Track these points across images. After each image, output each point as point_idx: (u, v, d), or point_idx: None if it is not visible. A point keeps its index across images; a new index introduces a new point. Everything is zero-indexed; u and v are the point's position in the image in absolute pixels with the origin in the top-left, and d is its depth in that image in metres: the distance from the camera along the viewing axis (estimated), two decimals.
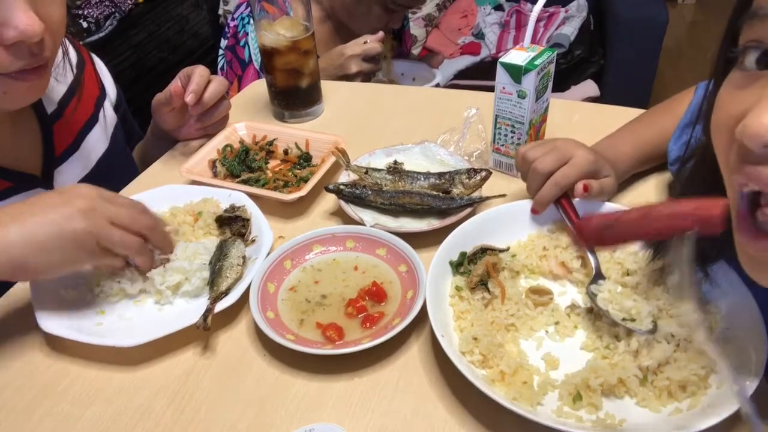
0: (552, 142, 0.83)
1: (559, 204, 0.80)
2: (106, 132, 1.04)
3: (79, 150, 0.97)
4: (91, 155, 0.99)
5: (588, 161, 0.79)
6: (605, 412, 0.59)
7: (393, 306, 0.73)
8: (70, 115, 0.96)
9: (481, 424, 0.60)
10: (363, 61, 1.31)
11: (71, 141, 0.96)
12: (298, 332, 0.70)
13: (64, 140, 0.95)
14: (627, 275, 0.73)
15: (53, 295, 0.73)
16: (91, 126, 1.00)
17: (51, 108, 0.93)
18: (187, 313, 0.71)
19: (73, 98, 0.97)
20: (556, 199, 0.80)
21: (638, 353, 0.63)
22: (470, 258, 0.75)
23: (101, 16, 2.16)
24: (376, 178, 0.90)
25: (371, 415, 0.62)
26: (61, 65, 0.94)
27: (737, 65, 0.50)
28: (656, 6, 2.31)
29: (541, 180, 0.80)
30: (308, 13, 1.07)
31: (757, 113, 0.43)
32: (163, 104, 1.01)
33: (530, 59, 0.85)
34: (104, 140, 1.03)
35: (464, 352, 0.65)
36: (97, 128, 1.01)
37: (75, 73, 0.98)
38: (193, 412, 0.63)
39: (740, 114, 0.46)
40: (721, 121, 0.50)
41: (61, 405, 0.64)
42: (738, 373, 0.57)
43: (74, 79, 0.98)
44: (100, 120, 1.02)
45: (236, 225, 0.84)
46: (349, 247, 0.81)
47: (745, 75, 0.49)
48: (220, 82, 1.01)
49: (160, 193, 0.90)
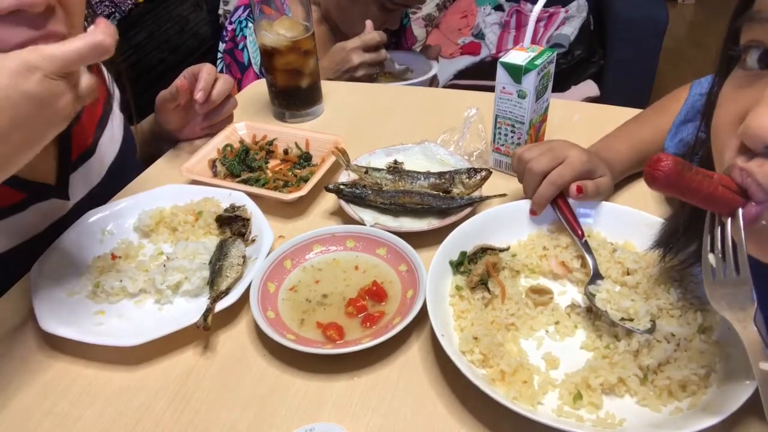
0: (547, 143, 0.83)
1: (556, 205, 0.80)
2: (117, 131, 1.02)
3: (96, 153, 0.94)
4: (105, 157, 0.97)
5: (582, 161, 0.80)
6: (605, 412, 0.59)
7: (393, 305, 0.73)
8: (84, 116, 0.93)
9: (481, 423, 0.60)
10: (364, 52, 1.31)
11: (89, 144, 0.93)
12: (298, 332, 0.70)
13: (82, 143, 0.92)
14: (627, 275, 0.73)
15: (53, 295, 0.73)
16: (103, 127, 0.98)
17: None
18: (187, 313, 0.71)
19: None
20: (553, 201, 0.80)
21: (638, 352, 0.63)
22: (470, 257, 0.75)
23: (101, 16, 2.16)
24: (376, 177, 0.90)
25: (371, 414, 0.62)
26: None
27: (739, 64, 0.50)
28: (656, 6, 2.31)
29: (537, 180, 0.80)
30: (308, 13, 1.07)
31: (759, 113, 0.43)
32: (168, 101, 1.00)
33: (530, 59, 0.85)
34: (116, 141, 1.01)
35: (464, 352, 0.65)
36: (108, 130, 1.00)
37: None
38: (193, 412, 0.63)
39: (742, 113, 0.46)
40: (722, 119, 0.50)
41: (61, 405, 0.64)
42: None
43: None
44: (110, 120, 1.01)
45: (236, 224, 0.84)
46: (350, 247, 0.81)
47: (747, 74, 0.49)
48: (226, 81, 1.01)
49: (160, 193, 0.90)
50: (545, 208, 0.81)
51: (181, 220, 0.86)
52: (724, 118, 0.50)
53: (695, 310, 0.67)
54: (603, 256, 0.76)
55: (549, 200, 0.80)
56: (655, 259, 0.72)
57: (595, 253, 0.77)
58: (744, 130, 0.44)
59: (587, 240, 0.77)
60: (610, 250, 0.77)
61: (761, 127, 0.43)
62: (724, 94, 0.51)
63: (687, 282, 0.71)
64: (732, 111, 0.48)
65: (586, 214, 0.81)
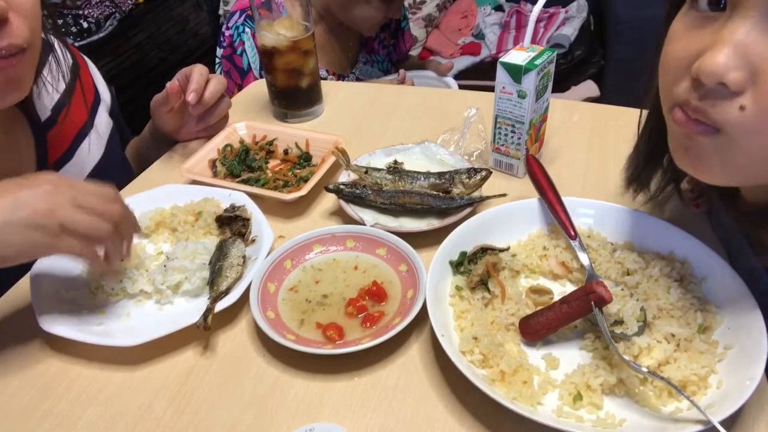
0: None
1: (550, 205, 0.80)
2: (101, 138, 1.02)
3: (74, 158, 0.95)
4: (86, 163, 0.97)
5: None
6: (605, 412, 0.59)
7: (393, 306, 0.73)
8: (62, 122, 0.93)
9: (481, 423, 0.60)
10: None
11: (66, 149, 0.94)
12: (298, 332, 0.70)
13: (59, 148, 0.93)
14: (627, 275, 0.73)
15: (53, 295, 0.73)
16: (85, 133, 0.98)
17: (45, 115, 0.91)
18: (188, 313, 0.71)
19: (66, 105, 0.95)
20: (548, 200, 0.80)
21: (638, 353, 0.64)
22: (470, 258, 0.75)
23: (101, 16, 2.16)
24: (376, 177, 0.90)
25: (371, 415, 0.62)
26: (56, 70, 0.91)
27: (691, 4, 0.55)
28: (656, 6, 2.30)
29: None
30: (308, 13, 1.07)
31: (714, 52, 0.48)
32: (161, 105, 1.00)
33: (530, 59, 0.85)
34: (99, 147, 1.01)
35: (464, 352, 0.65)
36: (92, 135, 0.99)
37: (69, 78, 0.95)
38: (193, 413, 0.63)
39: (695, 52, 0.51)
40: (674, 56, 0.55)
41: (61, 405, 0.64)
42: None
43: (68, 84, 0.96)
44: (95, 126, 1.01)
45: (236, 225, 0.84)
46: (350, 247, 0.81)
47: (699, 16, 0.54)
48: (219, 81, 1.01)
49: (160, 193, 0.90)
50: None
51: (181, 221, 0.86)
52: (677, 54, 0.54)
53: (695, 310, 0.67)
54: (603, 256, 0.76)
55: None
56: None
57: (595, 253, 0.77)
58: (700, 66, 0.49)
59: (583, 240, 0.77)
60: (610, 250, 0.77)
61: (717, 64, 0.48)
62: (674, 32, 0.56)
63: (687, 282, 0.71)
64: (683, 49, 0.54)
65: (586, 214, 0.81)
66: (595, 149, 1.01)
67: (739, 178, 0.57)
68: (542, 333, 0.66)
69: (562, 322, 0.65)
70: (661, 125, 0.66)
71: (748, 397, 0.55)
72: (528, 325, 0.67)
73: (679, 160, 0.59)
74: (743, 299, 0.65)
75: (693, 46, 0.52)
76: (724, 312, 0.67)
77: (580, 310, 0.64)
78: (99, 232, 0.65)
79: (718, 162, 0.54)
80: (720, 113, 0.50)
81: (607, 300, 0.62)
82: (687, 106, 0.53)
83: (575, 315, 0.65)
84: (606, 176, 0.93)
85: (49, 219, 0.61)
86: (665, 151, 0.69)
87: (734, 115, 0.50)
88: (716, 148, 0.53)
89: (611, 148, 1.00)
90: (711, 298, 0.69)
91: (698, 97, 0.52)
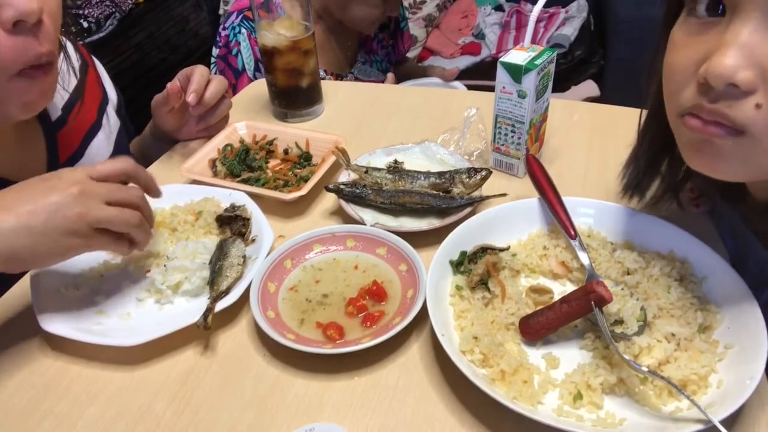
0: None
1: (550, 205, 0.80)
2: (110, 137, 1.03)
3: (84, 157, 0.95)
4: (95, 162, 0.97)
5: None
6: (606, 412, 0.59)
7: (393, 305, 0.73)
8: (73, 121, 0.94)
9: (481, 423, 0.60)
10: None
11: (76, 148, 0.94)
12: (298, 332, 0.70)
13: (69, 147, 0.93)
14: (627, 275, 0.73)
15: (53, 295, 0.73)
16: (95, 132, 0.99)
17: (55, 115, 0.92)
18: (188, 313, 0.71)
19: (77, 104, 0.96)
20: (547, 200, 0.80)
21: (639, 352, 0.64)
22: (470, 257, 0.75)
23: (102, 16, 2.16)
24: (376, 177, 0.90)
25: (371, 414, 0.62)
26: (66, 69, 0.92)
27: (688, 12, 0.55)
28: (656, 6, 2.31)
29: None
30: (308, 13, 1.07)
31: (721, 55, 0.49)
32: (162, 105, 1.01)
33: (530, 59, 0.85)
34: (108, 146, 1.01)
35: (464, 351, 0.65)
36: (101, 134, 1.00)
37: (78, 77, 0.97)
38: (193, 412, 0.63)
39: (700, 57, 0.52)
40: (677, 64, 0.55)
41: (61, 405, 0.64)
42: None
43: (78, 83, 0.97)
44: (103, 125, 1.01)
45: (236, 224, 0.84)
46: (350, 247, 0.81)
47: (698, 22, 0.54)
48: (220, 82, 1.01)
49: None
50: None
51: (181, 220, 0.85)
52: (681, 62, 0.55)
53: (695, 310, 0.67)
54: (603, 256, 0.76)
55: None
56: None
57: (595, 253, 0.77)
58: (708, 70, 0.50)
59: (583, 240, 0.77)
60: (610, 250, 0.77)
61: (725, 66, 0.48)
62: (675, 41, 0.57)
63: (687, 281, 0.71)
64: (686, 56, 0.54)
65: (586, 214, 0.81)
66: (595, 149, 1.01)
67: (759, 174, 0.57)
68: (542, 332, 0.66)
69: (562, 321, 0.65)
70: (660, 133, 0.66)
71: (748, 397, 0.55)
72: (528, 324, 0.67)
73: (691, 161, 0.59)
74: (743, 299, 0.65)
75: (696, 53, 0.53)
76: (724, 311, 0.67)
77: (580, 309, 0.64)
78: (129, 223, 0.67)
79: (739, 161, 0.54)
80: (738, 113, 0.50)
81: (607, 299, 0.62)
82: (700, 111, 0.53)
83: (575, 314, 0.65)
84: (606, 176, 0.93)
85: (81, 223, 0.63)
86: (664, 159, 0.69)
87: (752, 114, 0.50)
88: (736, 149, 0.53)
89: (611, 148, 1.00)
90: (711, 298, 0.69)
91: (710, 100, 0.52)
